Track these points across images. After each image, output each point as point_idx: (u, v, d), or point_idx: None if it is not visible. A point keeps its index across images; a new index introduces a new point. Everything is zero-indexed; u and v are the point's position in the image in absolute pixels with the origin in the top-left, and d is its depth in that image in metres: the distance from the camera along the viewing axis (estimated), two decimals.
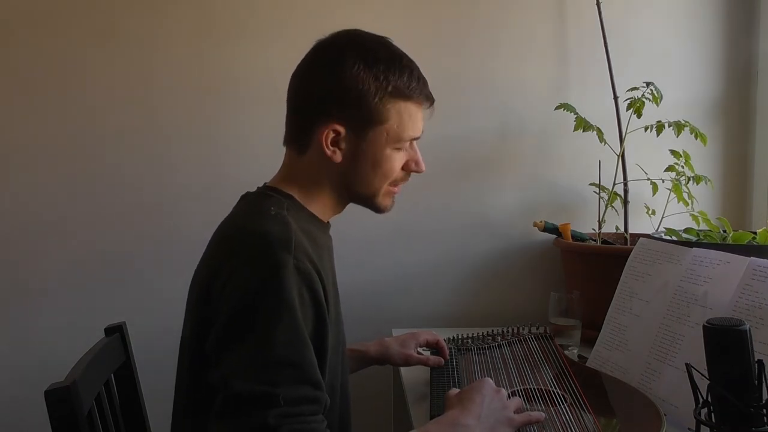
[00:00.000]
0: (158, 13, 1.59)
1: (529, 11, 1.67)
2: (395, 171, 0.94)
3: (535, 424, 0.91)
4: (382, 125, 0.90)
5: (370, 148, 0.90)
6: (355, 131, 0.89)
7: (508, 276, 1.71)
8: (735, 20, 1.71)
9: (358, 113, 0.88)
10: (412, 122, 0.92)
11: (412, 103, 0.92)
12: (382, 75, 0.88)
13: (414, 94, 0.91)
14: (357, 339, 1.28)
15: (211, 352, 0.78)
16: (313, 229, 0.91)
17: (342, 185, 0.94)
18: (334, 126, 0.88)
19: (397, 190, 0.98)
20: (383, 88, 0.88)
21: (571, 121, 1.54)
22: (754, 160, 1.72)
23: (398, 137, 0.91)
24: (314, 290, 0.80)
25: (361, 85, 0.87)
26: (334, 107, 0.88)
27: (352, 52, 0.88)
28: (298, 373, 0.75)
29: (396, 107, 0.90)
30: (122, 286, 1.61)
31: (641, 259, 1.22)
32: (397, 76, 0.89)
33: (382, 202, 0.96)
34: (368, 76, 0.87)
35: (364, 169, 0.91)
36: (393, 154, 0.92)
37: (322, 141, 0.89)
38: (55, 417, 0.81)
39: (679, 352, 1.05)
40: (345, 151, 0.90)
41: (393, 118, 0.90)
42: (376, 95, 0.88)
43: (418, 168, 0.97)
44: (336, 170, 0.92)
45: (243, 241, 0.81)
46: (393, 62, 0.90)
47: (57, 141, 1.58)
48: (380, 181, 0.93)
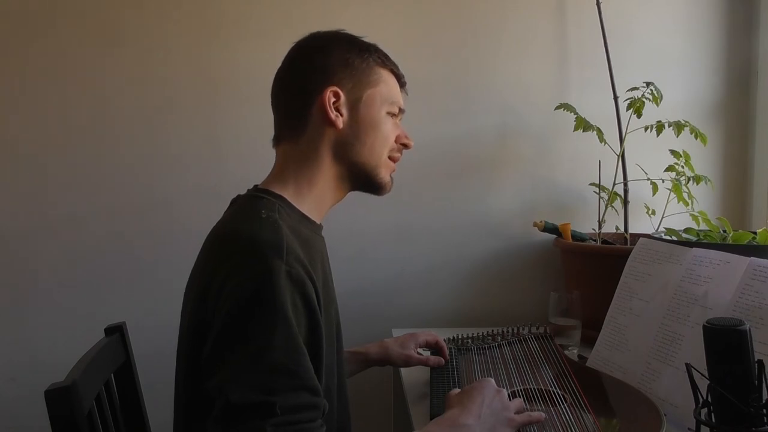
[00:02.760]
0: (161, 12, 1.59)
1: (529, 11, 1.67)
2: (391, 138, 0.98)
3: (535, 424, 0.91)
4: (373, 88, 0.95)
5: (367, 111, 0.95)
6: (351, 95, 0.94)
7: (508, 276, 1.71)
8: (735, 20, 1.71)
9: (351, 78, 0.94)
10: (396, 91, 0.99)
11: (392, 75, 0.99)
12: (364, 48, 0.96)
13: (392, 66, 0.99)
14: (356, 339, 1.28)
15: (206, 360, 0.78)
16: (306, 231, 0.90)
17: (344, 160, 0.95)
18: (333, 89, 0.92)
19: (394, 166, 1.01)
20: (366, 57, 0.96)
21: (571, 121, 1.54)
22: (754, 160, 1.72)
23: (390, 100, 0.97)
24: (307, 296, 0.80)
25: (347, 55, 0.94)
26: (329, 75, 0.93)
27: (332, 38, 0.97)
28: (295, 380, 0.75)
29: (381, 74, 0.97)
30: (122, 286, 1.61)
31: (641, 259, 1.22)
32: (374, 50, 0.98)
33: (383, 177, 0.98)
34: (352, 49, 0.95)
35: (365, 133, 0.94)
36: (388, 119, 0.97)
37: (325, 105, 0.91)
38: (55, 417, 0.81)
39: (679, 352, 1.05)
40: (344, 117, 0.93)
41: (381, 83, 0.96)
42: (363, 62, 0.95)
43: (408, 141, 1.01)
44: (338, 140, 0.93)
45: (234, 247, 0.81)
46: (369, 45, 0.98)
47: (57, 141, 1.58)
48: (381, 147, 0.96)
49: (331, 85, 0.92)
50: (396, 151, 1.00)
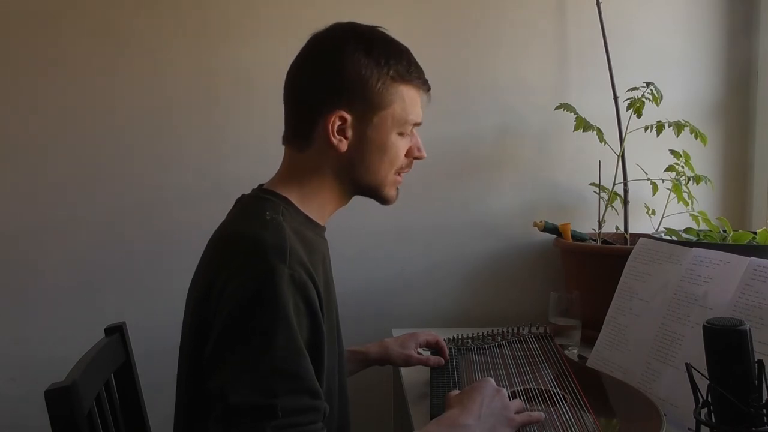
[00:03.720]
0: (161, 12, 1.58)
1: (529, 11, 1.67)
2: (400, 157, 0.94)
3: (535, 424, 0.91)
4: (386, 110, 0.90)
5: (376, 134, 0.90)
6: (360, 118, 0.89)
7: (508, 276, 1.70)
8: (735, 20, 1.71)
9: (363, 99, 0.89)
10: (413, 107, 0.93)
11: (412, 87, 0.93)
12: (383, 60, 0.89)
13: (413, 78, 0.93)
14: (356, 339, 1.28)
15: (208, 361, 0.78)
16: (309, 234, 0.90)
17: (347, 178, 0.93)
18: (339, 113, 0.88)
19: (401, 179, 0.98)
20: (384, 73, 0.89)
21: (571, 121, 1.54)
22: (754, 160, 1.72)
23: (402, 121, 0.92)
24: (309, 299, 0.80)
25: (363, 71, 0.88)
26: (338, 95, 0.88)
27: (349, 41, 0.90)
28: (296, 383, 0.75)
29: (398, 91, 0.91)
30: (122, 286, 1.61)
31: (641, 259, 1.22)
32: (396, 60, 0.91)
33: (389, 193, 0.96)
34: (369, 62, 0.88)
35: (371, 156, 0.91)
36: (398, 139, 0.93)
37: (328, 129, 0.88)
38: (55, 417, 0.81)
39: (679, 352, 1.05)
40: (350, 139, 0.90)
41: (396, 103, 0.91)
42: (378, 80, 0.89)
43: (420, 154, 0.97)
44: (341, 161, 0.91)
45: (238, 249, 0.81)
46: (390, 47, 0.92)
47: (57, 141, 1.58)
48: (387, 169, 0.93)
49: (338, 108, 0.88)
50: (406, 166, 0.97)
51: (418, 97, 0.94)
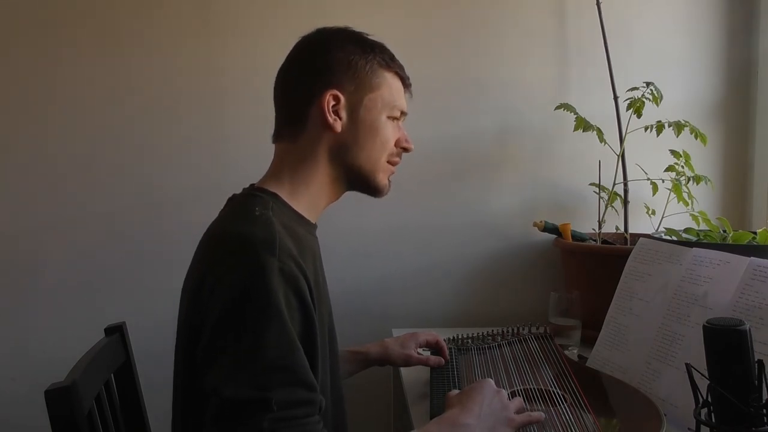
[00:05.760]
0: (161, 12, 1.58)
1: (529, 11, 1.67)
2: (391, 142, 0.97)
3: (535, 424, 0.91)
4: (375, 92, 0.94)
5: (368, 115, 0.94)
6: (351, 98, 0.93)
7: (508, 276, 1.71)
8: (735, 20, 1.71)
9: (353, 81, 0.93)
10: (399, 94, 0.98)
11: (396, 77, 0.98)
12: (369, 49, 0.95)
13: (396, 68, 0.98)
14: (356, 339, 1.28)
15: (201, 359, 0.78)
16: (299, 229, 0.90)
17: (341, 161, 0.94)
18: (333, 92, 0.91)
19: (393, 169, 1.00)
20: (371, 59, 0.94)
21: (571, 121, 1.54)
22: (754, 160, 1.72)
23: (391, 105, 0.96)
24: (300, 292, 0.80)
25: (351, 56, 0.93)
26: (330, 76, 0.92)
27: (337, 37, 0.96)
28: (290, 376, 0.75)
29: (384, 77, 0.96)
30: (122, 286, 1.61)
31: (641, 259, 1.22)
32: (381, 51, 0.97)
33: (381, 181, 0.98)
34: (356, 49, 0.94)
35: (364, 137, 0.94)
36: (388, 123, 0.96)
37: (324, 108, 0.91)
38: (55, 417, 0.81)
39: (679, 352, 1.05)
40: (344, 120, 0.93)
41: (384, 87, 0.95)
42: (366, 64, 0.94)
43: (408, 145, 1.00)
44: (336, 142, 0.93)
45: (227, 245, 0.81)
46: (374, 44, 0.97)
47: (57, 141, 1.58)
48: (379, 151, 0.96)
49: (331, 87, 0.92)
50: (395, 155, 0.99)
51: (401, 89, 0.99)
